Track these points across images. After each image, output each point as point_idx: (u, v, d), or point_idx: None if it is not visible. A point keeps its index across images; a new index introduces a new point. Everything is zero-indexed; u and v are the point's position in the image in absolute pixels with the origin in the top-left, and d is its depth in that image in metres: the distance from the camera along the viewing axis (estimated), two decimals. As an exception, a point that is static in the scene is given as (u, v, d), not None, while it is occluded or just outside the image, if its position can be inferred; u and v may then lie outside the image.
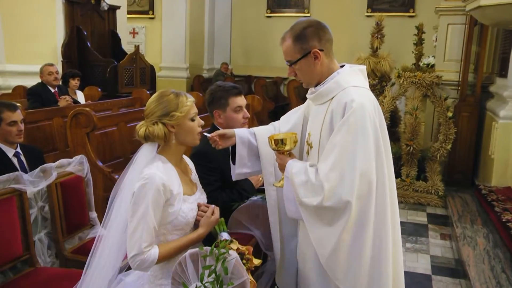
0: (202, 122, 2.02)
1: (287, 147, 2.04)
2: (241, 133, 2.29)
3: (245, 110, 2.75)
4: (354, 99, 1.87)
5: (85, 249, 2.83)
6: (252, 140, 2.29)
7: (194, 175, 2.14)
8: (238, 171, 2.29)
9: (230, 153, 2.33)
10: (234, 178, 2.34)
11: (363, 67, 2.06)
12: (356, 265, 1.88)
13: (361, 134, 1.84)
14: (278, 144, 2.04)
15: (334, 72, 2.01)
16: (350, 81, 1.96)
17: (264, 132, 2.29)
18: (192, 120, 1.97)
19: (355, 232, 1.86)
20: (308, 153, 2.10)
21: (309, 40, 1.95)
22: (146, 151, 1.96)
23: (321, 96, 2.02)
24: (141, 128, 1.94)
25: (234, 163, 2.30)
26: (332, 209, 1.85)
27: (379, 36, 6.84)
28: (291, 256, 2.27)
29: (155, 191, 1.82)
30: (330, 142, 1.90)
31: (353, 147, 1.83)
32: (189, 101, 1.96)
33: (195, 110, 1.99)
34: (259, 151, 2.29)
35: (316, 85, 2.05)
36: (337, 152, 1.86)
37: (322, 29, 1.98)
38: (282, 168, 2.07)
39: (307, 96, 2.15)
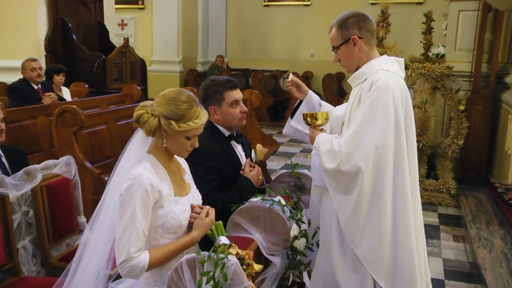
0: (197, 144, 1.99)
1: (318, 122, 2.46)
2: (312, 96, 2.73)
3: (242, 104, 2.75)
4: (380, 78, 2.22)
5: (73, 257, 2.81)
6: (317, 107, 2.71)
7: (188, 175, 2.13)
8: (292, 123, 2.75)
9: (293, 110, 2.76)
10: (284, 131, 2.81)
11: (401, 59, 2.43)
12: (373, 234, 2.19)
13: (382, 110, 2.17)
14: (312, 118, 2.46)
15: (372, 59, 2.36)
16: (383, 66, 2.31)
17: (328, 106, 2.73)
18: (187, 138, 1.94)
19: (370, 201, 2.18)
20: (341, 131, 2.50)
21: (350, 28, 2.33)
22: (139, 141, 1.96)
23: (356, 78, 2.39)
24: (140, 110, 1.91)
25: (291, 118, 2.75)
26: (347, 174, 2.19)
27: (384, 25, 6.82)
28: None
29: (142, 192, 1.81)
30: (355, 114, 2.28)
31: (373, 120, 2.17)
32: (196, 122, 1.91)
33: (197, 132, 1.96)
34: None
35: (355, 71, 2.41)
36: (358, 123, 2.21)
37: (364, 19, 2.35)
38: (312, 140, 2.43)
39: (348, 80, 2.53)
